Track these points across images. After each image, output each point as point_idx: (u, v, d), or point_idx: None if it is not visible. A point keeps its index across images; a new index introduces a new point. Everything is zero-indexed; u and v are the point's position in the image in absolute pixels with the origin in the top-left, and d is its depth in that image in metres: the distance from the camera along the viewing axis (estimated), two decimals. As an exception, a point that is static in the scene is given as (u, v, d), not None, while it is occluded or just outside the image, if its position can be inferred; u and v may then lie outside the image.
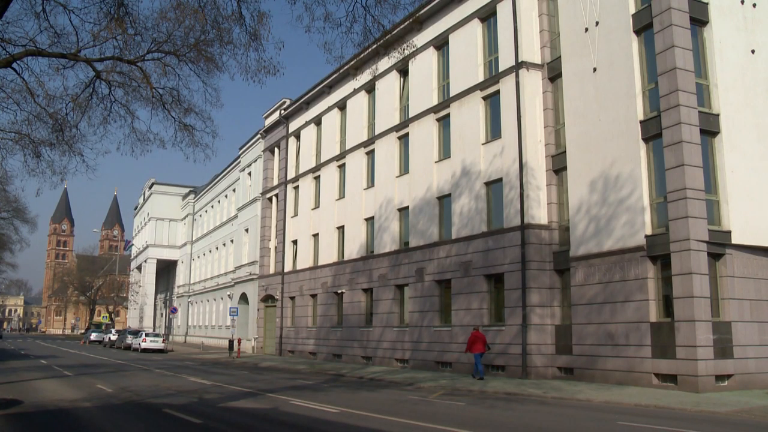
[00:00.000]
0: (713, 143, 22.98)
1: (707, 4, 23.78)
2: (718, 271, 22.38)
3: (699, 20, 23.59)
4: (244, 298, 55.25)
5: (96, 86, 19.33)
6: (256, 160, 55.86)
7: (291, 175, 48.60)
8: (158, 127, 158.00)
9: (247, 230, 56.27)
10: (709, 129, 22.78)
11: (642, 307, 22.70)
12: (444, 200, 31.87)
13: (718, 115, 23.02)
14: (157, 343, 52.92)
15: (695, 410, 17.11)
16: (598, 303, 24.40)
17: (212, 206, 71.43)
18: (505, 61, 28.65)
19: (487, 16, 30.33)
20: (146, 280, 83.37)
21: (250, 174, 57.48)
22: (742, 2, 24.57)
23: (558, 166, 27.14)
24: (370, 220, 37.91)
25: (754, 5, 24.81)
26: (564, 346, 25.88)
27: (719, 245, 22.15)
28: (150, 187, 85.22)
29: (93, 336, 76.37)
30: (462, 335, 29.06)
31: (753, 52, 24.40)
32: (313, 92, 45.26)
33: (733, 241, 22.36)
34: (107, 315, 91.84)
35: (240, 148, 60.81)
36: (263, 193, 52.60)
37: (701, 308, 21.01)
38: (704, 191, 21.96)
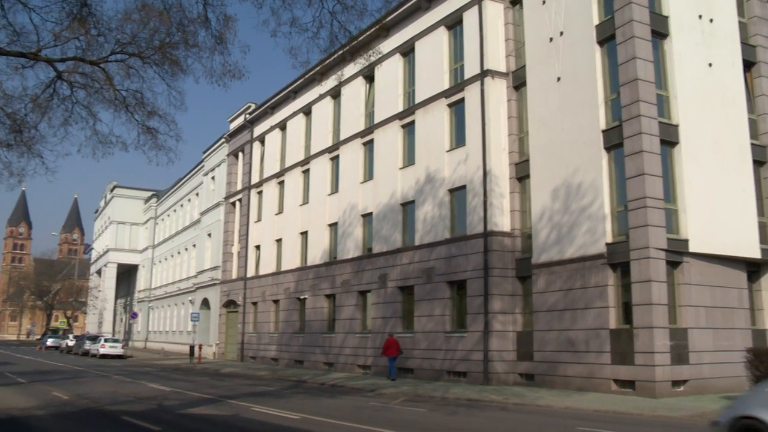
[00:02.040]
0: (672, 153, 23.39)
1: (667, 17, 24.25)
2: (676, 279, 22.76)
3: (660, 33, 24.05)
4: (205, 303, 54.72)
5: (57, 87, 18.94)
6: (220, 164, 55.44)
7: (255, 179, 48.33)
8: (121, 129, 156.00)
9: (209, 235, 55.78)
10: (669, 139, 23.20)
11: (602, 314, 22.98)
12: (408, 207, 31.95)
13: (677, 125, 23.46)
14: (117, 349, 52.12)
15: (652, 415, 17.36)
16: (559, 310, 24.64)
17: (175, 210, 70.70)
18: (471, 69, 28.87)
19: (454, 24, 30.55)
20: (106, 284, 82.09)
21: (213, 178, 57.03)
22: (700, 17, 25.10)
23: (521, 174, 27.39)
24: (333, 226, 37.84)
25: (711, 21, 25.36)
26: (525, 353, 26.07)
27: (677, 253, 22.54)
28: (111, 190, 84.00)
29: (49, 342, 74.78)
30: (424, 342, 29.13)
31: (710, 65, 24.92)
32: (278, 97, 45.11)
33: (690, 250, 22.77)
34: (65, 320, 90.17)
35: (204, 152, 60.31)
36: (227, 198, 52.22)
37: (659, 315, 21.35)
38: (663, 200, 22.36)
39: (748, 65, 26.79)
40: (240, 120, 51.51)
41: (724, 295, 23.78)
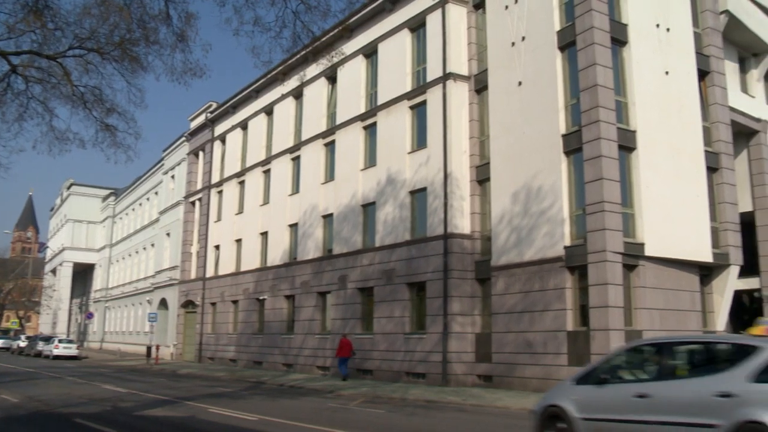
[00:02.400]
0: (630, 159, 23.80)
1: (626, 25, 24.69)
2: (632, 282, 23.14)
3: (619, 40, 24.46)
4: (163, 303, 54.05)
5: (11, 81, 18.51)
6: (180, 163, 54.84)
7: (215, 179, 47.92)
8: (78, 126, 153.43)
9: (168, 234, 55.12)
10: (627, 145, 23.60)
11: (560, 316, 23.27)
12: (368, 208, 31.97)
13: (635, 131, 23.88)
14: (71, 350, 51.12)
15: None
16: (517, 312, 24.88)
17: (133, 209, 69.71)
18: (433, 71, 29.02)
19: (417, 26, 30.67)
20: (61, 284, 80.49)
21: (173, 177, 56.38)
22: (658, 26, 25.60)
23: (482, 176, 27.61)
24: (294, 227, 37.68)
25: (668, 30, 25.90)
26: (484, 354, 26.27)
27: (633, 257, 22.93)
28: (68, 188, 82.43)
29: (0, 342, 73.10)
30: (384, 343, 29.17)
31: (667, 73, 25.44)
32: (240, 96, 44.80)
33: (646, 253, 23.19)
34: (17, 320, 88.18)
35: (164, 151, 59.60)
36: (186, 197, 51.68)
37: (615, 317, 21.69)
38: (621, 205, 22.73)
39: (702, 74, 27.42)
40: (201, 119, 51.02)
41: (677, 298, 24.26)
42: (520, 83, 25.97)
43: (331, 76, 35.60)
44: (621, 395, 10.78)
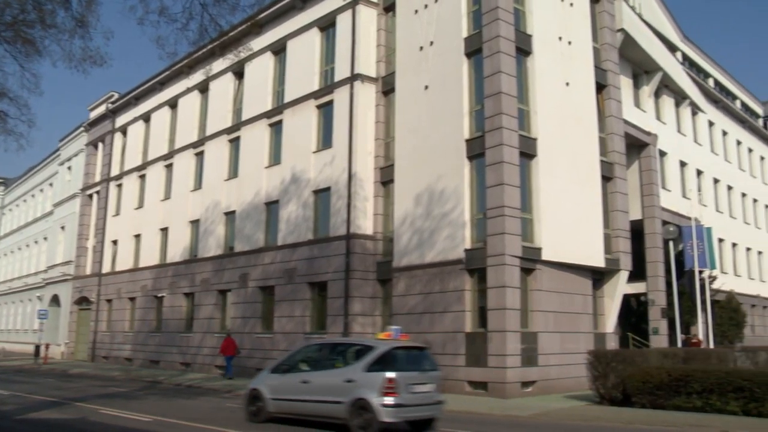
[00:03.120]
0: (530, 165, 24.53)
1: (531, 36, 25.45)
2: (529, 285, 23.84)
3: (523, 50, 25.19)
4: (55, 300, 51.79)
5: None
6: (77, 154, 52.71)
7: (115, 172, 46.36)
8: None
9: (63, 228, 52.90)
10: (528, 152, 24.30)
11: (459, 317, 23.71)
12: (272, 206, 31.68)
13: (535, 139, 24.63)
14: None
15: (502, 414, 18.12)
16: (418, 313, 25.20)
17: (25, 200, 66.59)
18: (341, 71, 29.05)
19: (327, 26, 30.63)
20: (-59, 277, 76.07)
21: (70, 168, 54.14)
22: (560, 39, 26.53)
23: (386, 178, 27.82)
24: (195, 223, 36.92)
25: (570, 43, 26.90)
26: (384, 355, 26.41)
27: (531, 261, 23.63)
28: (-48, 177, 78.05)
29: None
30: (284, 342, 28.95)
31: (567, 84, 26.39)
32: (143, 88, 43.53)
33: (543, 257, 23.95)
34: None
35: (60, 140, 57.14)
36: (83, 190, 49.75)
37: (512, 319, 22.29)
38: (520, 210, 23.38)
39: (600, 87, 28.61)
40: (101, 109, 49.21)
41: (571, 301, 25.18)
42: (426, 87, 26.33)
43: (239, 72, 35.09)
44: (293, 381, 15.07)
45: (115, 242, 44.84)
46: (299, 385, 14.81)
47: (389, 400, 13.24)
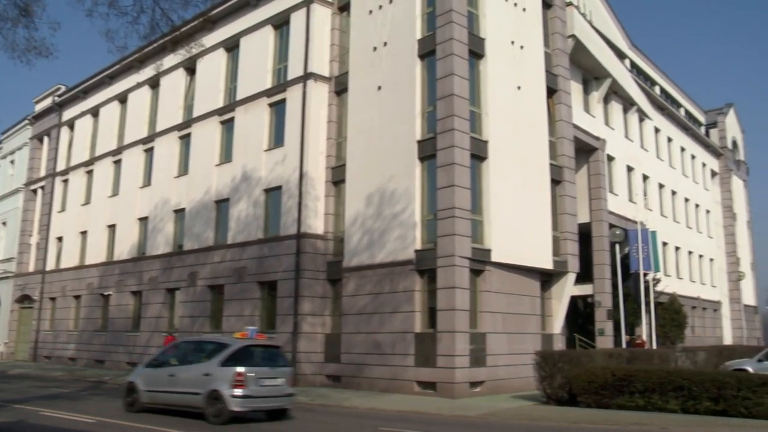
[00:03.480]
0: (481, 167, 24.75)
1: (484, 39, 25.68)
2: (478, 286, 24.05)
3: (476, 53, 25.40)
4: (-6, 297, 50.40)
5: None
6: (21, 148, 51.30)
7: (61, 167, 45.29)
8: None
9: (5, 223, 51.45)
10: (479, 154, 24.52)
11: (408, 318, 23.79)
12: (222, 204, 31.35)
13: (486, 141, 24.87)
14: None
15: (450, 414, 18.22)
16: (367, 313, 25.21)
17: (-37, 195, 64.60)
18: (294, 70, 28.90)
19: (281, 24, 30.44)
20: None
21: (12, 162, 52.67)
22: (512, 43, 26.84)
23: (337, 178, 27.77)
24: (144, 221, 36.32)
25: (522, 47, 27.24)
26: (333, 355, 26.40)
27: (480, 262, 23.84)
28: None
29: None
30: (233, 342, 28.67)
31: (519, 88, 26.71)
32: (92, 81, 42.61)
33: (492, 259, 24.19)
34: None
35: (2, 133, 55.58)
36: (27, 185, 48.45)
37: (461, 320, 22.45)
38: (470, 211, 23.57)
39: (551, 92, 29.04)
40: (47, 102, 48.01)
41: (519, 302, 25.48)
42: (379, 88, 26.36)
43: (190, 68, 34.62)
44: (162, 374, 16.77)
45: (60, 239, 43.82)
46: (167, 378, 16.63)
47: (238, 391, 15.08)
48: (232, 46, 32.71)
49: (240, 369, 15.23)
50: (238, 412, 15.22)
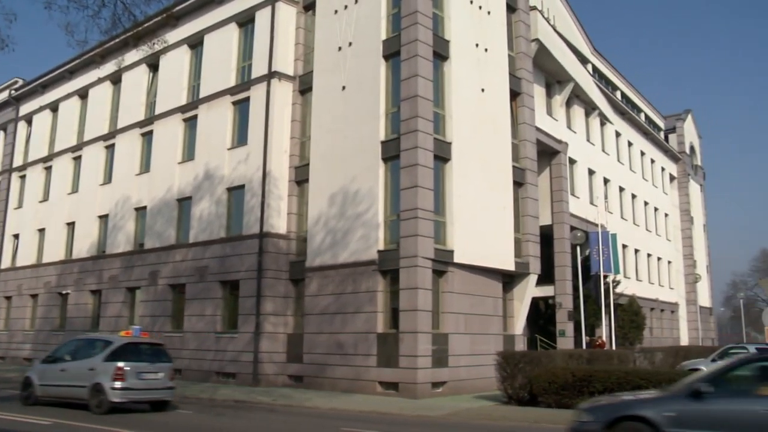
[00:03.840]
0: (444, 169, 24.85)
1: (449, 41, 25.79)
2: (440, 287, 24.14)
3: (441, 55, 25.50)
4: (-53, 295, 49.16)
5: None
6: (-25, 143, 50.21)
7: (18, 162, 44.36)
8: None
9: (-43, 220, 50.25)
10: (442, 155, 24.62)
11: (371, 318, 23.79)
12: (184, 203, 31.03)
13: (450, 143, 24.97)
14: None
15: (413, 415, 18.26)
16: (330, 313, 25.15)
17: None
18: (259, 68, 28.73)
19: (245, 22, 30.22)
20: None
21: (-34, 158, 51.51)
22: (477, 45, 27.01)
23: (301, 177, 27.67)
24: (104, 218, 35.77)
25: (486, 50, 27.42)
26: (295, 355, 26.30)
27: (443, 263, 23.93)
28: None
29: None
30: (194, 342, 28.43)
31: (483, 90, 26.88)
32: (51, 75, 41.80)
33: (455, 260, 24.29)
34: None
35: (-44, 128, 54.33)
36: (-19, 181, 47.45)
37: (423, 320, 22.52)
38: (433, 212, 23.65)
39: (514, 95, 29.27)
40: (4, 95, 46.95)
41: (481, 303, 25.64)
42: (344, 88, 26.33)
43: (153, 64, 34.19)
44: (55, 369, 18.17)
45: (16, 236, 42.94)
46: (59, 373, 18.05)
47: (117, 384, 16.58)
48: (195, 43, 32.40)
49: (120, 364, 16.79)
50: (117, 402, 16.76)
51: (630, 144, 47.49)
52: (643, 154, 50.06)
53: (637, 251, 45.93)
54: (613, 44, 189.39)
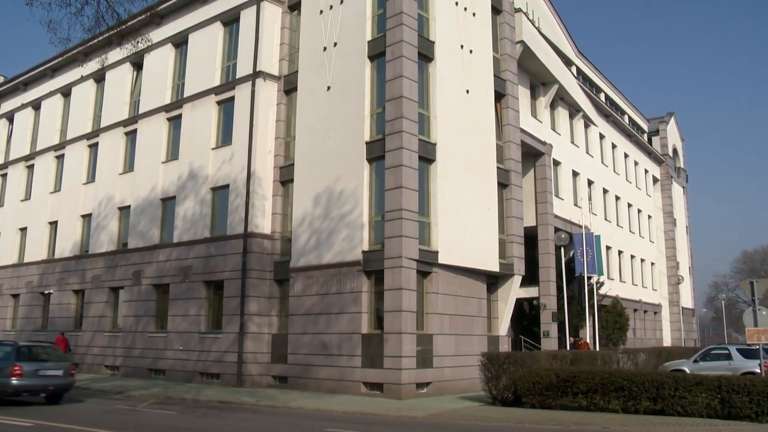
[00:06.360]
0: (429, 169, 24.89)
1: (434, 43, 25.84)
2: (425, 288, 24.17)
3: (426, 56, 25.54)
4: (-73, 295, 48.64)
5: None
6: (-45, 141, 49.67)
7: (-1, 161, 44.05)
8: None
9: (-63, 219, 49.72)
10: (427, 156, 24.66)
11: (355, 319, 23.78)
12: (168, 202, 30.88)
13: (435, 144, 25.01)
14: None
15: (397, 415, 18.27)
16: (314, 314, 25.12)
17: None
18: (243, 68, 28.65)
19: (231, 21, 30.13)
20: None
21: (-54, 156, 50.97)
22: (462, 47, 27.08)
23: (285, 177, 27.61)
24: (87, 217, 35.54)
25: (471, 52, 27.50)
26: (280, 355, 26.25)
27: (427, 264, 23.96)
28: None
29: None
30: (178, 342, 28.31)
31: (468, 92, 26.95)
32: (33, 73, 41.49)
33: (439, 261, 24.33)
34: None
35: (-64, 126, 53.73)
36: (-38, 179, 46.98)
37: (408, 321, 22.53)
38: (418, 213, 23.67)
39: (499, 96, 29.38)
40: (-16, 93, 46.62)
41: (466, 304, 25.70)
42: (329, 88, 26.31)
43: (137, 63, 33.99)
44: None
45: (-3, 236, 42.58)
46: None
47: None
48: (180, 42, 32.26)
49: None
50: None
51: (614, 146, 47.80)
52: (626, 156, 50.39)
53: (620, 253, 46.20)
54: (598, 47, 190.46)
